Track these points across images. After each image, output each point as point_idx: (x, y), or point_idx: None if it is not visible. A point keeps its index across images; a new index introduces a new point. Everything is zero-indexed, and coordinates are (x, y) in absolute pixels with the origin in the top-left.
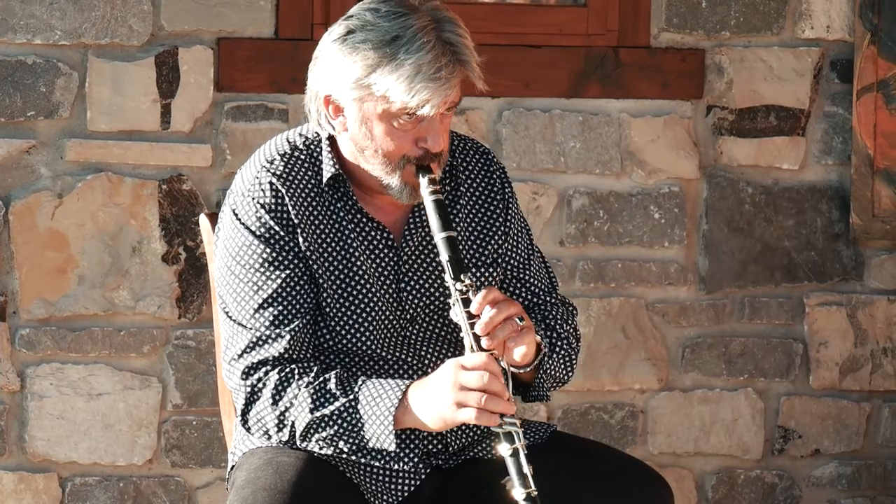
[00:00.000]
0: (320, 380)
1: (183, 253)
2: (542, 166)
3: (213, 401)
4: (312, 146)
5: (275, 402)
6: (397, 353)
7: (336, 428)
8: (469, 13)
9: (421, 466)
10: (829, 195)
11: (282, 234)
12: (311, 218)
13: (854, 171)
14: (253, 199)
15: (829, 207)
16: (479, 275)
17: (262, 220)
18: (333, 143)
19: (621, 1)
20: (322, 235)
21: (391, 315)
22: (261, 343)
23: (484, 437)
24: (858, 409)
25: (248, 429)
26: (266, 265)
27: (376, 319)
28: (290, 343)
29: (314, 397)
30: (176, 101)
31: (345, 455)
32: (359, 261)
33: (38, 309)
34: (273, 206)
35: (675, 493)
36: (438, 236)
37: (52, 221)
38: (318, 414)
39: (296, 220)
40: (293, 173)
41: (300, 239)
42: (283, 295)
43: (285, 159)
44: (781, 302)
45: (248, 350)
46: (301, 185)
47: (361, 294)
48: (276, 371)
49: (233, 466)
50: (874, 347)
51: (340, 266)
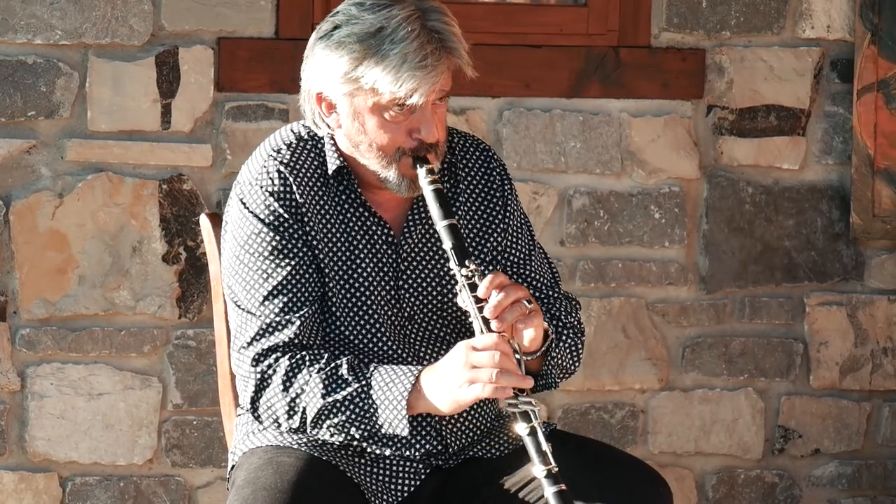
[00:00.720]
0: (332, 366)
1: (183, 253)
2: (543, 166)
3: (214, 401)
4: (317, 138)
5: (285, 389)
6: (397, 349)
7: (348, 413)
8: (469, 13)
9: (421, 466)
10: (829, 195)
11: (290, 221)
12: (317, 207)
13: (854, 170)
14: (261, 187)
15: (829, 207)
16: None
17: (272, 208)
18: (335, 139)
19: (622, 1)
20: (328, 225)
21: (390, 311)
22: (270, 330)
23: (484, 437)
24: (859, 408)
25: (257, 417)
26: (275, 253)
27: (375, 314)
28: (300, 329)
29: (326, 383)
30: (176, 101)
31: (356, 442)
32: (361, 254)
33: (38, 309)
34: (281, 194)
35: (675, 493)
36: (440, 224)
37: (52, 221)
38: (329, 399)
39: (303, 209)
40: (300, 162)
41: (307, 227)
42: (293, 282)
43: (291, 149)
44: (782, 302)
45: (258, 337)
46: (307, 175)
47: (363, 288)
48: (287, 357)
49: (233, 466)
50: (874, 347)
51: (343, 258)
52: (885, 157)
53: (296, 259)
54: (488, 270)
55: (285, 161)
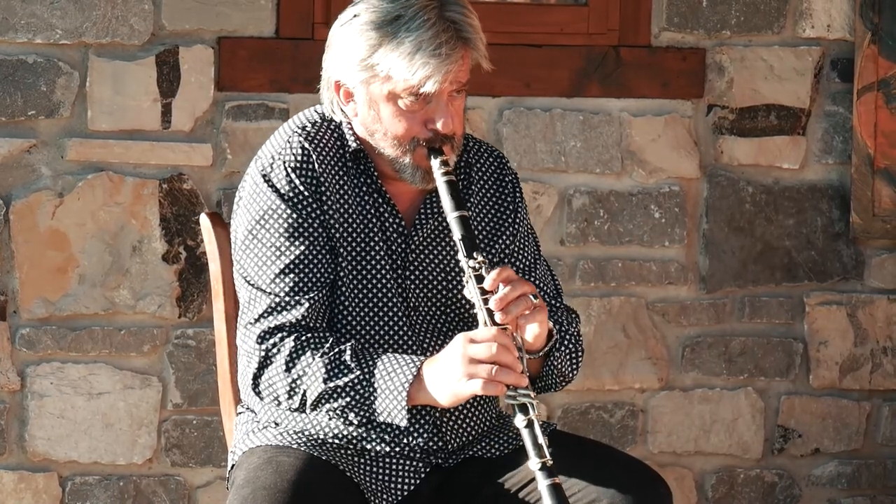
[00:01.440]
0: (335, 351)
1: (183, 252)
2: (543, 165)
3: (214, 400)
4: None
5: (288, 370)
6: (400, 338)
7: (348, 399)
8: None
9: (420, 466)
10: (829, 194)
11: (309, 199)
12: (336, 186)
13: (854, 170)
14: (283, 161)
15: (829, 207)
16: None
17: (292, 184)
18: (353, 127)
19: (622, 0)
20: (345, 206)
21: (395, 298)
22: (279, 309)
23: (483, 436)
24: (858, 408)
25: (258, 393)
26: (291, 230)
27: (381, 301)
28: (308, 311)
29: (328, 367)
30: (176, 101)
31: (352, 427)
32: (373, 240)
33: (38, 308)
34: (302, 169)
35: (675, 493)
36: (451, 215)
37: (52, 221)
38: (331, 384)
39: (323, 186)
40: (323, 140)
41: (325, 206)
42: (305, 263)
43: (316, 126)
44: (781, 301)
45: (266, 315)
46: (330, 153)
47: (373, 271)
48: (292, 338)
49: (233, 465)
50: (874, 347)
51: (357, 240)
52: (885, 156)
53: (311, 239)
54: (496, 265)
55: (310, 136)
